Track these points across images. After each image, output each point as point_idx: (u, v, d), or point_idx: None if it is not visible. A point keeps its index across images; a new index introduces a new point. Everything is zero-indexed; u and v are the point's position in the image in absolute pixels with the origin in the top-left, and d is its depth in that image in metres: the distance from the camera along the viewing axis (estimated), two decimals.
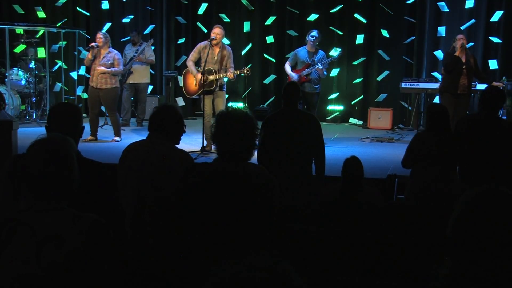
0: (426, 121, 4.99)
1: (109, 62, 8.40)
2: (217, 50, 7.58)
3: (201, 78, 7.51)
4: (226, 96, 8.05)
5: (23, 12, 11.98)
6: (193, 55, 7.71)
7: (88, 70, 9.37)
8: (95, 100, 8.39)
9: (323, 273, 3.59)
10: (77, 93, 10.98)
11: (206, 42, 7.63)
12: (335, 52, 8.86)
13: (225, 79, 7.71)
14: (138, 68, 10.31)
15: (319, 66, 8.10)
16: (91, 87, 8.45)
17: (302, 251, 3.80)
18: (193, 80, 7.65)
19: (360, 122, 11.16)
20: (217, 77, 7.44)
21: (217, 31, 7.57)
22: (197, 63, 7.74)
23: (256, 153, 4.73)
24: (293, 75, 8.19)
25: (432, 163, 4.73)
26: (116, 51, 8.70)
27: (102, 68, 8.35)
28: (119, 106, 10.72)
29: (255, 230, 2.53)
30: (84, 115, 9.12)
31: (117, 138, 8.51)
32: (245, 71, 7.65)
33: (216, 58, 7.54)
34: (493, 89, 5.14)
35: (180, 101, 9.42)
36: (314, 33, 8.30)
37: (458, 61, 7.62)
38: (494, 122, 4.83)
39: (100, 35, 8.51)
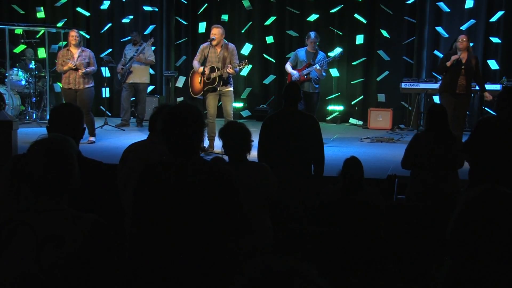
0: (425, 121, 4.99)
1: (85, 61, 8.30)
2: (218, 49, 7.60)
3: (201, 76, 7.53)
4: None
5: (23, 13, 11.98)
6: (197, 56, 7.75)
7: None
8: (73, 102, 8.01)
9: (323, 273, 3.59)
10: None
11: (207, 43, 7.65)
12: (332, 53, 8.88)
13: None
14: (138, 68, 10.31)
15: (317, 66, 8.13)
16: (68, 89, 8.30)
17: (302, 251, 3.80)
18: (198, 80, 7.66)
19: (360, 122, 11.15)
20: (219, 73, 7.46)
21: (215, 31, 7.57)
22: (203, 64, 7.75)
23: (256, 153, 4.77)
24: (294, 73, 8.24)
25: (432, 163, 4.73)
26: (89, 50, 8.61)
27: (89, 70, 8.29)
28: (119, 106, 10.75)
29: (212, 224, 2.53)
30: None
31: (92, 139, 8.37)
32: (243, 64, 7.64)
33: (218, 57, 7.57)
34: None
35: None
36: (313, 37, 8.32)
37: (457, 62, 7.61)
38: None
39: (76, 34, 8.39)
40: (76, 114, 3.02)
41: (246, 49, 10.40)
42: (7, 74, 10.22)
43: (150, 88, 11.47)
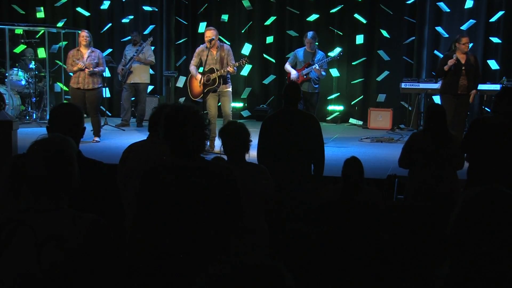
0: (424, 121, 4.99)
1: (95, 61, 8.38)
2: (214, 51, 7.61)
3: (201, 78, 7.55)
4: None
5: (23, 13, 11.98)
6: (194, 60, 7.78)
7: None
8: (80, 102, 8.25)
9: (323, 274, 3.59)
10: None
11: (203, 45, 7.67)
12: (333, 53, 8.90)
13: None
14: (138, 68, 10.31)
15: (316, 66, 8.15)
16: (77, 88, 8.34)
17: (302, 252, 3.80)
18: (197, 83, 7.67)
19: (360, 122, 11.15)
20: (219, 73, 7.48)
21: (210, 34, 7.55)
22: (200, 67, 7.78)
23: (256, 152, 4.77)
24: (293, 71, 8.26)
25: (429, 163, 4.73)
26: (99, 50, 8.70)
27: (96, 70, 8.37)
28: (119, 106, 10.76)
29: (215, 225, 2.53)
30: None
31: (97, 139, 8.47)
32: (244, 61, 7.67)
33: (216, 58, 7.59)
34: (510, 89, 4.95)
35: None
36: (310, 37, 8.33)
37: (457, 63, 7.63)
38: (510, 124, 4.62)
39: (86, 34, 8.47)
40: (76, 113, 3.01)
41: (246, 49, 10.41)
42: (7, 74, 10.22)
43: (150, 88, 11.47)
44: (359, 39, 10.76)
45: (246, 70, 10.22)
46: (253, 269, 1.21)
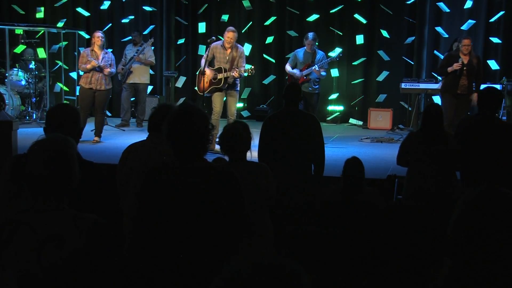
0: (421, 120, 5.05)
1: (108, 63, 8.43)
2: (228, 51, 7.65)
3: (203, 77, 7.58)
4: None
5: (23, 13, 11.98)
6: (207, 54, 7.82)
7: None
8: (89, 102, 8.33)
9: (323, 274, 3.59)
10: (77, 93, 10.95)
11: (219, 42, 7.69)
12: (333, 53, 8.90)
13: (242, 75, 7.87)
14: (138, 68, 10.31)
15: (316, 67, 8.14)
16: (88, 88, 8.35)
17: (302, 252, 3.80)
18: (205, 78, 7.71)
19: (360, 123, 11.15)
20: (225, 75, 7.52)
21: (231, 36, 7.60)
22: (211, 62, 7.82)
23: (256, 153, 4.77)
24: (295, 71, 8.26)
25: (425, 162, 4.73)
26: (111, 53, 8.78)
27: (113, 71, 8.56)
28: (119, 106, 10.76)
29: (217, 226, 2.53)
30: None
31: (97, 139, 8.46)
32: (249, 72, 7.72)
33: (227, 58, 7.64)
34: (490, 90, 5.08)
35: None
36: (311, 38, 8.33)
37: (456, 62, 7.65)
38: (492, 123, 4.77)
39: (101, 34, 8.50)
40: (73, 114, 3.01)
41: (246, 49, 10.40)
42: (7, 74, 10.22)
43: (150, 88, 11.47)
44: (359, 39, 10.76)
45: None
46: (272, 269, 1.20)
